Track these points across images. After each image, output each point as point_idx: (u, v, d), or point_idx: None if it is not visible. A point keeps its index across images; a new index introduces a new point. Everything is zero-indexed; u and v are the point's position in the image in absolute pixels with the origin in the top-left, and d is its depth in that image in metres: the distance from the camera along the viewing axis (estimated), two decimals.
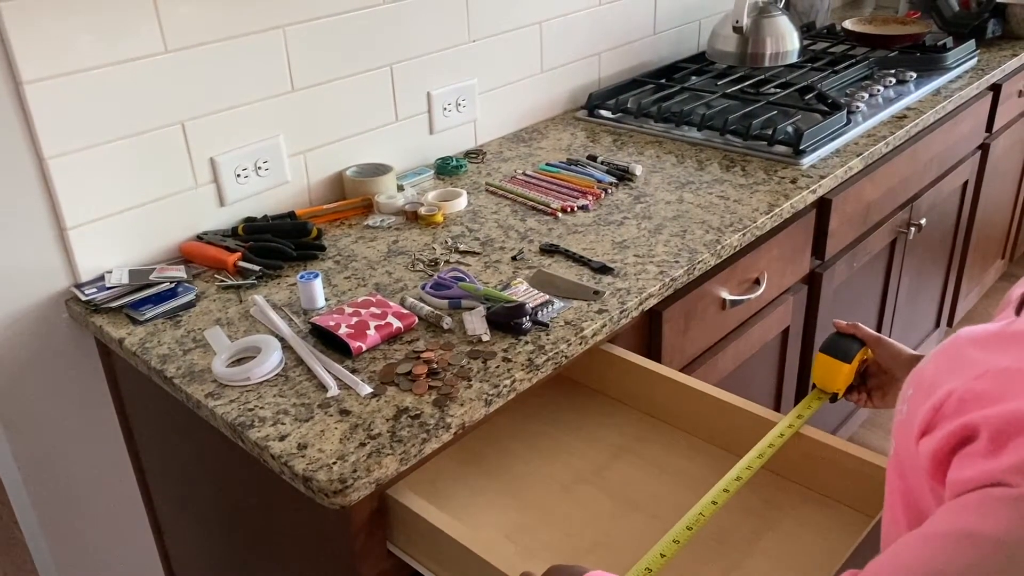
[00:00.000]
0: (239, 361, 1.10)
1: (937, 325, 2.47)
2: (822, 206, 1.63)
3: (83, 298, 1.24)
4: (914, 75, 2.04)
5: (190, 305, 1.25)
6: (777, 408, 1.78)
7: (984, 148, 2.28)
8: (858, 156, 1.66)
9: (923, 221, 2.02)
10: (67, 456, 1.34)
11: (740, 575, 0.98)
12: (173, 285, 1.28)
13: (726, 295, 1.44)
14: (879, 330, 2.09)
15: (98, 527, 1.41)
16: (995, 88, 2.20)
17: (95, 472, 1.38)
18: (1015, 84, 2.30)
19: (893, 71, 2.06)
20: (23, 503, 1.35)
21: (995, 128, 2.29)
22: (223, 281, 1.31)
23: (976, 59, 2.19)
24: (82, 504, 1.38)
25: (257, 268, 1.32)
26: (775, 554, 1.00)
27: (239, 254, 1.33)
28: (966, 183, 2.25)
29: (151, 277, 1.29)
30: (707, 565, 0.99)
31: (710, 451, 1.16)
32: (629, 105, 1.91)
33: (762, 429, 1.07)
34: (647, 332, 1.33)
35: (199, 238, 1.40)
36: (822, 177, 1.57)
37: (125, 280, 1.27)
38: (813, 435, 1.05)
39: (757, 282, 1.51)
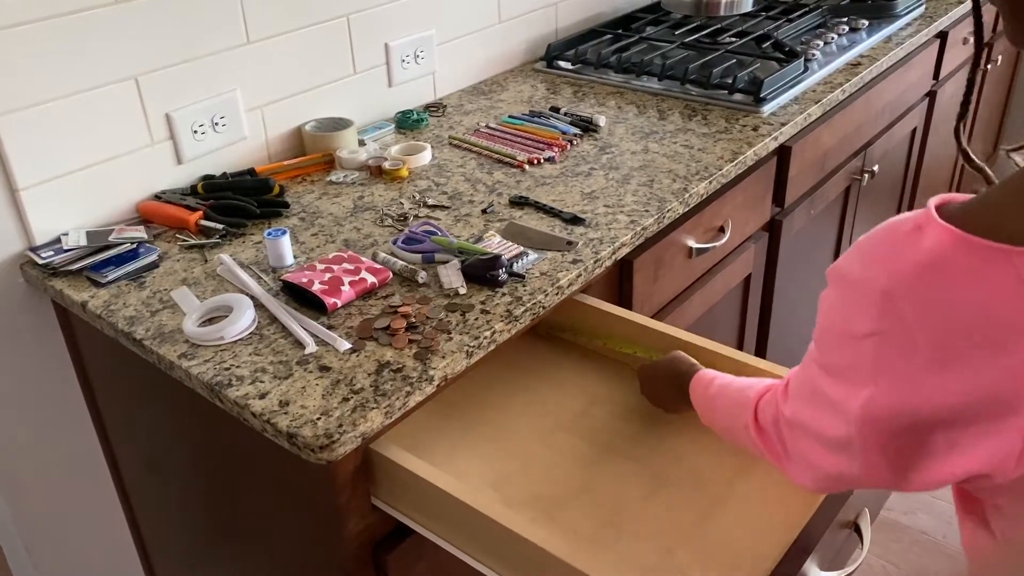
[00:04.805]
0: (210, 321, 1.08)
1: None
2: (782, 154, 1.65)
3: (40, 261, 1.20)
4: (866, 23, 2.06)
5: (153, 266, 1.22)
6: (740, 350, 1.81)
7: (931, 95, 2.32)
8: (816, 103, 1.68)
9: (876, 168, 2.05)
10: (27, 424, 1.31)
11: (717, 518, 1.00)
12: (134, 246, 1.24)
13: (692, 243, 1.45)
14: None
15: (62, 497, 1.38)
16: (942, 36, 2.24)
17: (57, 439, 1.35)
18: (960, 31, 2.34)
19: (845, 19, 2.08)
20: None
21: (942, 75, 2.34)
22: (185, 241, 1.27)
23: (924, 7, 2.22)
24: (45, 474, 1.35)
25: (220, 227, 1.28)
26: (752, 497, 1.02)
27: (200, 212, 1.30)
28: (915, 130, 2.29)
29: (110, 238, 1.25)
30: (683, 510, 1.01)
31: None
32: (588, 56, 1.89)
33: (730, 369, 1.09)
34: (618, 282, 1.34)
35: (157, 197, 1.36)
36: (782, 124, 1.59)
37: (83, 242, 1.23)
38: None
39: (722, 230, 1.52)
